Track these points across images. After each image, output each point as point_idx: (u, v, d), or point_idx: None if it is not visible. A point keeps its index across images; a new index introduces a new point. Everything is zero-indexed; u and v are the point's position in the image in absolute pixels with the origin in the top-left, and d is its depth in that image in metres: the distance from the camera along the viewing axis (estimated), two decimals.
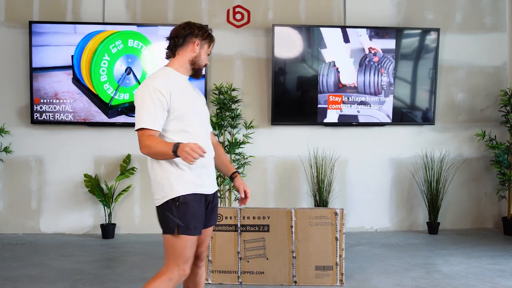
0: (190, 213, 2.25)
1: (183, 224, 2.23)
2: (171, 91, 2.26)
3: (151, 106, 2.21)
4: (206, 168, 2.37)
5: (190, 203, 2.25)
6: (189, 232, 2.24)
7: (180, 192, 2.25)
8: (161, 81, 2.28)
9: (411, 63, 5.61)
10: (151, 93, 2.23)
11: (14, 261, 4.27)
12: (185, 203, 2.24)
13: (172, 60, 2.42)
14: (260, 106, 5.62)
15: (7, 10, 5.42)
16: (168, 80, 2.31)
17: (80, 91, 5.31)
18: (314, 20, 5.61)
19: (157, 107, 2.22)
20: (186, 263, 2.27)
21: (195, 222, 2.27)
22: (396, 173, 5.75)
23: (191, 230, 2.24)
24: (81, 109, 5.32)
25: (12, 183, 5.44)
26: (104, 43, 5.29)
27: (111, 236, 5.27)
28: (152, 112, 2.22)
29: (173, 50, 2.39)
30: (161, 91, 2.23)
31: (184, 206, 2.24)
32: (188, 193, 2.26)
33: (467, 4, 5.81)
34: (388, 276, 3.89)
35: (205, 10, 5.58)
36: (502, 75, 5.87)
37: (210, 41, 2.45)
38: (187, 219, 2.23)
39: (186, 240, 2.24)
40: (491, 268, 4.13)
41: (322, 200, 5.39)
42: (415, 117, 5.66)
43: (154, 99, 2.22)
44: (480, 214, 5.85)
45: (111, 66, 5.32)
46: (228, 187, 5.37)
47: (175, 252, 2.25)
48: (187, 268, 2.27)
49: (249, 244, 3.65)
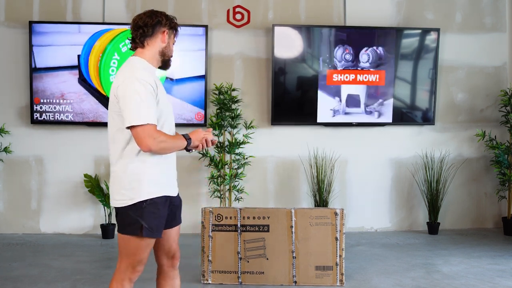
0: (156, 215, 2.20)
1: (147, 226, 2.17)
2: (157, 84, 2.21)
3: (146, 99, 2.11)
4: (174, 169, 2.34)
5: (157, 205, 2.20)
6: (152, 234, 2.20)
7: (151, 194, 2.19)
8: (146, 74, 2.18)
9: (411, 63, 5.61)
10: (144, 86, 2.12)
11: (14, 261, 4.27)
12: (152, 205, 2.18)
13: (141, 51, 2.29)
14: (260, 106, 5.62)
15: (7, 10, 5.42)
16: (150, 72, 2.23)
17: (87, 92, 5.29)
18: (314, 20, 5.61)
19: (150, 101, 2.13)
20: (141, 265, 2.25)
21: (159, 224, 2.22)
22: (396, 173, 5.75)
23: (154, 232, 2.20)
24: (89, 110, 5.30)
25: (12, 183, 5.44)
26: (114, 42, 5.28)
27: (111, 236, 5.27)
28: (151, 105, 2.13)
29: (142, 40, 2.27)
30: (150, 83, 2.14)
31: (152, 208, 2.18)
32: (158, 195, 2.21)
33: (467, 4, 5.81)
34: (388, 276, 3.89)
35: (205, 10, 5.58)
36: (502, 75, 5.87)
37: (176, 30, 2.37)
38: (153, 221, 2.18)
39: (148, 242, 2.22)
40: (491, 268, 4.13)
41: (322, 200, 5.39)
42: (415, 117, 5.65)
43: (147, 92, 2.12)
44: (480, 214, 5.85)
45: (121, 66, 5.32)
46: (228, 187, 5.37)
47: (132, 253, 2.21)
48: (141, 267, 2.26)
49: (249, 244, 3.65)
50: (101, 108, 5.30)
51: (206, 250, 3.66)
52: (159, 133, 2.14)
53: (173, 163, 2.35)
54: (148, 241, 2.22)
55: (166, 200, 2.26)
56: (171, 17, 2.35)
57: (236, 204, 5.36)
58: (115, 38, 5.29)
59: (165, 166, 2.27)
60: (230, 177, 5.28)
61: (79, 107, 5.30)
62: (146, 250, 2.23)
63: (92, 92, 5.30)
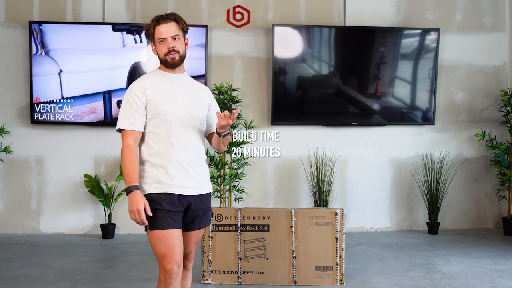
0: (157, 209, 2.24)
1: (151, 219, 2.23)
2: (146, 91, 2.29)
3: (128, 108, 2.29)
4: (186, 171, 2.31)
5: (158, 201, 2.24)
6: (156, 227, 2.23)
7: (150, 190, 2.26)
8: (138, 83, 2.33)
9: (411, 63, 5.61)
10: (127, 95, 2.31)
11: (14, 261, 4.27)
12: (151, 201, 2.25)
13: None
14: (260, 106, 5.62)
15: (7, 10, 5.42)
16: (146, 81, 2.33)
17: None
18: (314, 20, 5.62)
19: (133, 108, 2.28)
20: (169, 263, 2.23)
21: (162, 218, 2.24)
22: (396, 173, 5.75)
23: (156, 224, 2.23)
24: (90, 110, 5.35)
25: (12, 183, 5.44)
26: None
27: (111, 236, 5.27)
28: (128, 112, 2.28)
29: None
30: (135, 92, 2.29)
31: (152, 204, 2.24)
32: (158, 192, 2.25)
33: (467, 4, 5.81)
34: (388, 276, 3.89)
35: (205, 10, 5.58)
36: (502, 75, 5.87)
37: (154, 31, 2.34)
38: (154, 215, 2.23)
39: (159, 236, 2.23)
40: (491, 268, 4.13)
41: (322, 200, 5.39)
42: (415, 117, 5.65)
43: (130, 100, 2.29)
44: (480, 214, 5.85)
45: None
46: (228, 187, 5.37)
47: (154, 250, 2.26)
48: (167, 264, 2.22)
49: (249, 244, 3.66)
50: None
51: (206, 250, 3.66)
52: (129, 148, 2.28)
53: (188, 164, 2.33)
54: (158, 234, 2.23)
55: (171, 197, 2.27)
56: (147, 27, 2.36)
57: (236, 204, 5.36)
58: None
59: (169, 166, 2.28)
60: (230, 177, 5.29)
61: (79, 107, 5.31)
62: (162, 245, 2.23)
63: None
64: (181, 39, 2.36)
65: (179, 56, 2.35)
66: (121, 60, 5.33)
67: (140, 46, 5.34)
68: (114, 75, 5.32)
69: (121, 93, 5.30)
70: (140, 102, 2.28)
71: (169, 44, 2.31)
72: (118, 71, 5.32)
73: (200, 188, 2.37)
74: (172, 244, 2.23)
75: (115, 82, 5.32)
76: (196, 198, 2.35)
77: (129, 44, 5.33)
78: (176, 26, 2.33)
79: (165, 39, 2.32)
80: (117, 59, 5.32)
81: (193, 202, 2.34)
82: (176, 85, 2.37)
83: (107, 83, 5.31)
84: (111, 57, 5.31)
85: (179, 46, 2.34)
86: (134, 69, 5.33)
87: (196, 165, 2.36)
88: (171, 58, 2.33)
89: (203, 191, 2.39)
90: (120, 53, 5.33)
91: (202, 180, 2.39)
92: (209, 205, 2.46)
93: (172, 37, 2.32)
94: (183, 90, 2.37)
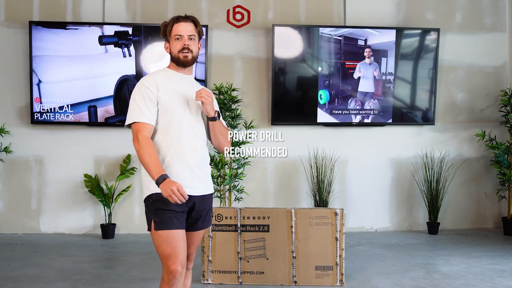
0: (163, 209, 2.24)
1: (157, 219, 2.24)
2: (158, 86, 2.32)
3: (142, 101, 2.29)
4: (191, 170, 2.32)
5: (163, 200, 2.22)
6: (161, 226, 2.23)
7: (157, 189, 2.24)
8: (149, 78, 2.36)
9: (411, 63, 5.61)
10: (140, 88, 2.32)
11: (14, 261, 4.27)
12: (157, 201, 2.25)
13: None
14: (260, 106, 5.62)
15: (7, 10, 5.42)
16: (157, 77, 2.37)
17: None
18: (314, 20, 5.62)
19: (146, 101, 2.29)
20: (173, 264, 2.22)
21: (168, 218, 2.25)
22: (396, 173, 5.75)
23: (162, 224, 2.23)
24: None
25: (12, 183, 5.44)
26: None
27: (111, 236, 5.27)
28: (143, 105, 2.28)
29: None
30: (148, 86, 2.31)
31: (158, 204, 2.25)
32: (159, 191, 2.24)
33: (467, 4, 5.81)
34: (388, 276, 3.89)
35: (205, 10, 5.58)
36: (502, 75, 5.87)
37: (172, 28, 2.40)
38: (160, 215, 2.24)
39: (164, 236, 2.23)
40: (491, 268, 4.13)
41: (322, 200, 5.39)
42: (415, 117, 5.66)
43: (143, 93, 2.30)
44: (480, 214, 5.85)
45: None
46: (228, 187, 5.37)
47: (158, 250, 2.26)
48: (172, 264, 2.22)
49: (249, 244, 3.66)
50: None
51: (206, 250, 3.66)
52: (146, 138, 2.24)
53: (193, 163, 2.33)
54: (163, 234, 2.23)
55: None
56: (164, 24, 2.44)
57: (236, 204, 5.36)
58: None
59: (176, 165, 2.28)
60: (230, 177, 5.29)
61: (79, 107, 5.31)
62: (167, 245, 2.23)
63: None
64: (196, 41, 2.42)
65: (192, 55, 2.40)
66: (105, 68, 5.28)
67: (129, 59, 5.30)
68: (98, 83, 5.28)
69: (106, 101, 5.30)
70: (153, 96, 2.30)
71: (185, 42, 2.37)
72: (102, 79, 5.29)
73: (204, 188, 2.39)
74: (177, 245, 2.24)
75: (100, 90, 5.29)
76: (200, 198, 2.37)
77: (111, 50, 5.30)
78: (193, 27, 2.41)
79: (182, 36, 2.37)
80: (100, 67, 5.28)
81: (197, 202, 2.35)
82: (186, 84, 2.40)
83: (91, 92, 5.27)
84: (95, 64, 5.28)
85: (193, 47, 2.40)
86: (122, 82, 5.28)
87: (202, 165, 2.38)
88: (184, 56, 2.38)
89: (207, 191, 2.41)
90: (103, 59, 5.28)
91: (207, 180, 2.41)
92: (211, 206, 2.47)
93: (188, 36, 2.38)
94: (191, 91, 2.39)
